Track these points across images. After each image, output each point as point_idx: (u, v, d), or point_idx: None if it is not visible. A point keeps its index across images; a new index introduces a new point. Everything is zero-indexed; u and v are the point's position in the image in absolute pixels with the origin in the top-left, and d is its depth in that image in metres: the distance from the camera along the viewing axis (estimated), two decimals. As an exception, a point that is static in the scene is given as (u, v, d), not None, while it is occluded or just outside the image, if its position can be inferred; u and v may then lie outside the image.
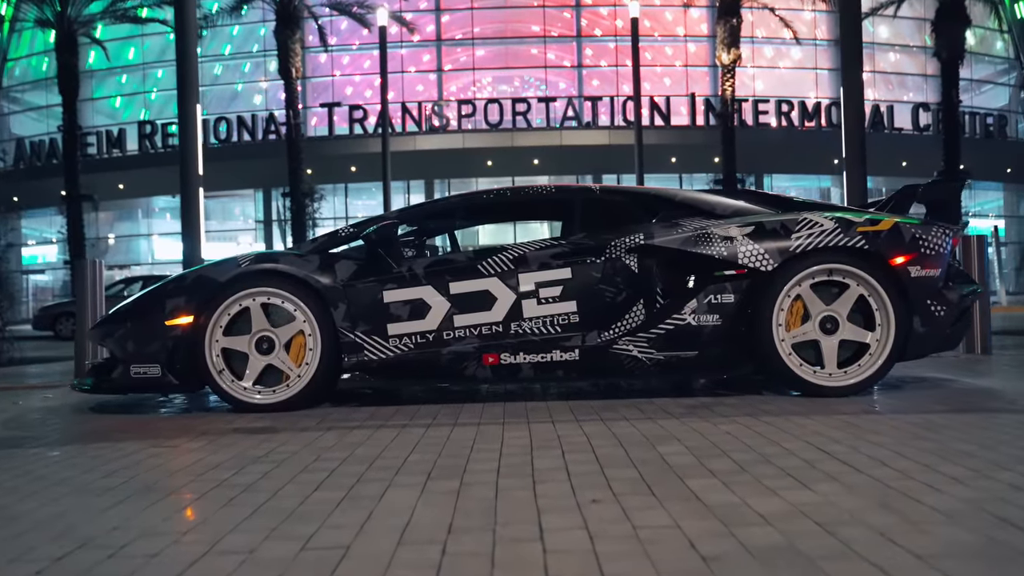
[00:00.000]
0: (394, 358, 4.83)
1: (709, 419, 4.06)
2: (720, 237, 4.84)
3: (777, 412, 4.23)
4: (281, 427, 4.23)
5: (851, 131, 11.68)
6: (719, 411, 4.33)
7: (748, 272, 4.79)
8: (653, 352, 4.81)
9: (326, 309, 4.81)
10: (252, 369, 4.80)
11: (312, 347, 4.80)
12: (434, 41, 40.65)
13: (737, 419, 4.03)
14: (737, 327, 4.81)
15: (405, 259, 5.03)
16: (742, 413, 4.23)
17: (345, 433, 3.95)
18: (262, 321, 4.81)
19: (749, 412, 4.25)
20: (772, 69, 40.72)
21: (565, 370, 4.84)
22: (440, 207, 5.44)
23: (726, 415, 4.18)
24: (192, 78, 10.53)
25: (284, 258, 4.89)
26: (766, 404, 4.53)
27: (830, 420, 3.91)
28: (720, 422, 3.95)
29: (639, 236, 4.93)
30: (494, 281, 4.87)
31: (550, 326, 4.84)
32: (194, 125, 10.48)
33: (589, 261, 4.90)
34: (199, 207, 10.58)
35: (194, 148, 10.51)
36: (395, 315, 4.85)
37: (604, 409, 4.52)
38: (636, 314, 4.86)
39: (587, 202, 5.24)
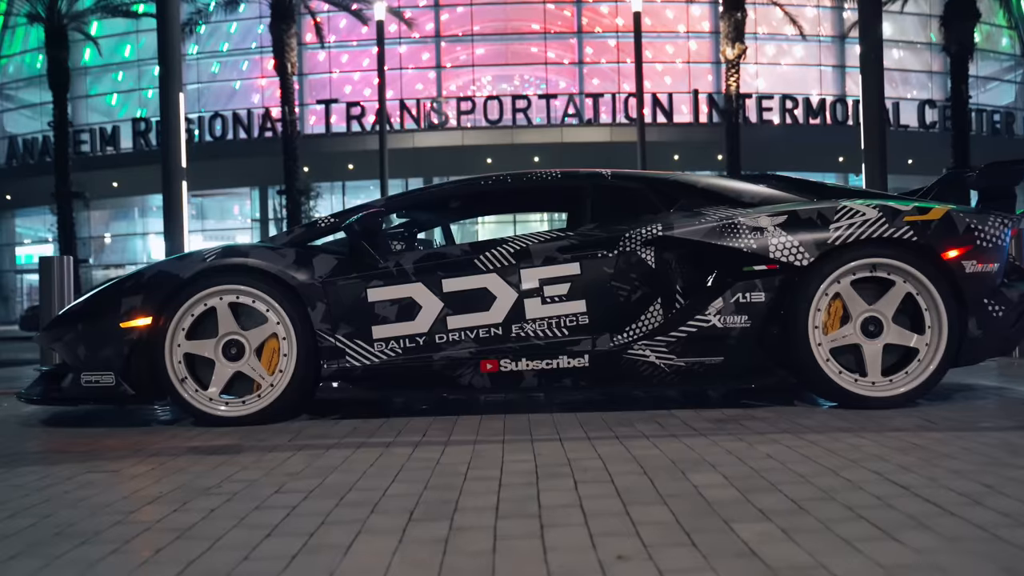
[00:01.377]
0: (380, 364, 4.27)
1: (742, 437, 3.49)
2: (748, 228, 4.28)
3: (819, 428, 3.66)
4: (247, 445, 3.66)
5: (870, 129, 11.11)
6: (751, 427, 3.76)
7: (780, 267, 4.23)
8: (673, 358, 4.25)
9: (303, 309, 4.25)
10: (218, 377, 4.24)
11: (287, 352, 4.24)
12: (433, 38, 40.12)
13: (775, 437, 3.46)
14: (768, 329, 4.25)
15: (392, 253, 4.47)
16: (779, 429, 3.66)
17: (318, 455, 3.39)
18: (230, 323, 4.25)
19: (787, 428, 3.69)
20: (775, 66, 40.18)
21: (573, 378, 4.28)
22: (432, 195, 4.86)
23: (761, 432, 3.61)
24: (175, 67, 9.98)
25: (255, 252, 4.32)
26: (803, 418, 3.97)
27: (886, 439, 3.34)
28: (756, 441, 3.38)
29: (657, 227, 4.36)
30: (493, 278, 4.31)
31: (556, 328, 4.28)
32: (176, 116, 9.95)
33: (600, 255, 4.33)
34: (182, 202, 10.04)
35: (177, 140, 9.98)
36: (381, 316, 4.28)
37: (618, 423, 3.95)
38: (654, 315, 4.29)
39: (597, 189, 4.67)
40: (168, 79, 9.92)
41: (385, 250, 4.44)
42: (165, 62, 9.98)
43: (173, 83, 9.91)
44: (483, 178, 4.79)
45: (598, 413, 4.27)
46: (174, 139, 9.97)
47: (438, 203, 5.01)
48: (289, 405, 4.29)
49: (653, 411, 4.30)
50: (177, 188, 9.91)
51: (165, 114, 9.99)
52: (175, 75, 9.93)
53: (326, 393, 4.29)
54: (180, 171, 10.00)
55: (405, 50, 39.43)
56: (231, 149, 35.59)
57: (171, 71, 9.91)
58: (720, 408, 4.34)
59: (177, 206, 9.94)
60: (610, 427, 3.86)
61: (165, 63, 9.97)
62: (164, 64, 9.99)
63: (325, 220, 4.58)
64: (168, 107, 9.94)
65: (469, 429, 3.93)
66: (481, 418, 4.25)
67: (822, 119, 35.77)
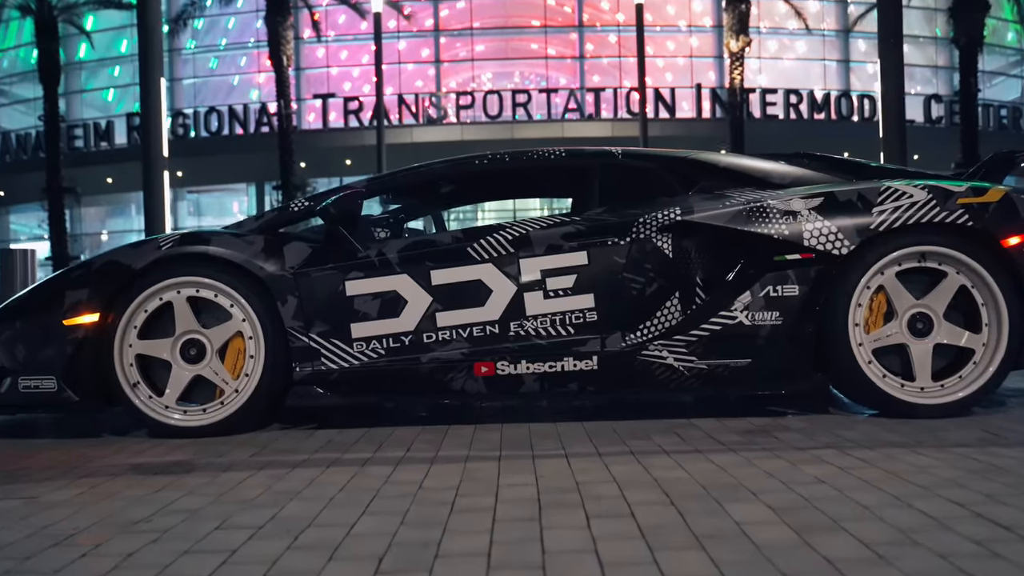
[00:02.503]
0: (359, 367, 3.75)
1: (780, 454, 2.97)
2: (780, 212, 3.76)
3: (867, 442, 3.14)
4: (200, 463, 3.15)
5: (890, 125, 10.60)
6: (787, 440, 3.24)
7: (816, 256, 3.71)
8: (694, 360, 3.73)
9: (272, 304, 3.73)
10: (175, 382, 3.72)
11: (254, 353, 3.72)
12: (432, 32, 39.64)
13: (819, 454, 2.93)
14: (802, 327, 3.72)
15: (374, 240, 3.95)
16: (820, 444, 3.14)
17: (281, 475, 2.87)
18: (189, 320, 3.73)
19: (829, 442, 3.16)
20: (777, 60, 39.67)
21: (580, 382, 3.76)
22: (420, 176, 4.33)
23: (800, 447, 3.09)
24: (155, 52, 9.47)
25: (218, 239, 3.79)
26: (844, 429, 3.45)
27: (953, 458, 2.82)
28: (799, 459, 2.86)
29: (675, 211, 3.84)
30: (488, 268, 3.79)
31: (560, 326, 3.76)
32: (157, 103, 9.45)
33: (611, 243, 3.81)
34: (163, 194, 9.52)
35: (158, 128, 9.47)
36: (361, 312, 3.76)
37: (632, 435, 3.43)
38: (671, 311, 3.77)
39: (607, 169, 4.15)
40: (148, 65, 9.40)
41: (366, 237, 3.92)
42: (145, 46, 9.46)
43: (153, 69, 9.41)
44: (478, 157, 4.26)
45: (608, 422, 3.75)
46: (155, 127, 9.46)
47: (426, 185, 4.47)
48: (256, 413, 3.77)
49: (670, 420, 3.78)
50: (159, 179, 9.40)
51: (145, 101, 9.48)
52: (155, 59, 9.43)
53: (299, 400, 3.77)
54: (162, 160, 9.49)
55: (404, 46, 38.94)
56: (228, 145, 35.07)
57: (151, 56, 9.41)
58: (745, 416, 3.81)
59: (158, 198, 9.45)
60: (623, 440, 3.34)
61: (144, 47, 9.45)
62: (143, 49, 9.48)
63: (298, 203, 4.06)
64: (148, 94, 9.43)
65: (461, 442, 3.41)
66: (475, 428, 3.73)
67: (827, 114, 35.23)
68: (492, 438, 3.48)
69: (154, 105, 9.39)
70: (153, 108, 9.39)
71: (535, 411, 4.20)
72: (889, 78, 10.65)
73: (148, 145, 9.36)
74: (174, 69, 40.30)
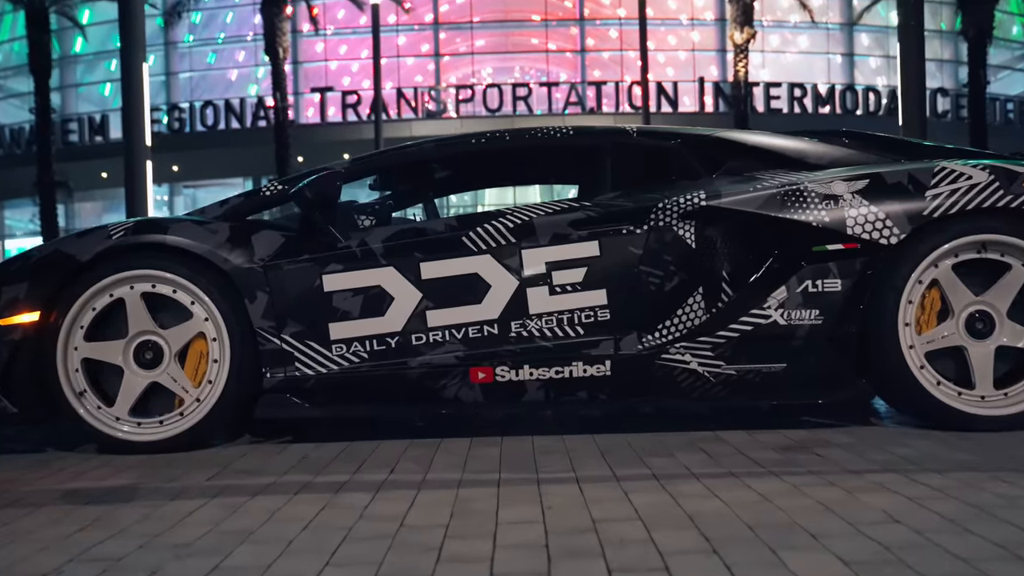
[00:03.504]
0: (339, 373, 3.29)
1: (830, 477, 2.50)
2: (819, 196, 3.29)
3: (931, 463, 2.67)
4: (146, 488, 2.68)
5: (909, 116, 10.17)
6: (835, 459, 2.77)
7: (861, 246, 3.24)
8: (721, 365, 3.26)
9: (239, 301, 3.27)
10: (128, 390, 3.25)
11: (218, 357, 3.25)
12: (432, 25, 39.19)
13: (880, 480, 2.46)
14: (844, 328, 3.25)
15: (356, 229, 3.48)
16: (876, 466, 2.67)
17: (236, 505, 2.40)
18: (144, 319, 3.26)
19: (886, 463, 2.69)
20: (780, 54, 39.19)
21: (590, 390, 3.29)
22: (408, 156, 3.85)
23: (853, 470, 2.62)
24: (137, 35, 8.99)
25: (177, 227, 3.32)
26: (896, 445, 2.98)
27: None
28: (855, 486, 2.39)
29: (699, 195, 3.37)
30: (486, 261, 3.32)
31: (568, 326, 3.29)
32: (140, 89, 8.96)
33: (626, 232, 3.34)
34: (146, 186, 9.05)
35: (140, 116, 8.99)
36: (341, 310, 3.30)
37: (652, 451, 2.97)
38: (695, 309, 3.30)
39: (620, 148, 3.67)
40: (130, 48, 8.93)
41: (347, 225, 3.45)
42: (126, 30, 8.98)
43: (136, 53, 8.93)
44: (474, 136, 3.78)
45: (621, 436, 3.28)
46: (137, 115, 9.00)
47: (416, 167, 3.97)
48: (221, 425, 3.32)
49: (692, 433, 3.31)
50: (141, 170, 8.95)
51: (127, 87, 9.01)
52: (138, 42, 8.96)
53: (270, 410, 3.31)
54: (145, 150, 9.03)
55: (404, 41, 38.50)
56: (224, 139, 34.60)
57: (133, 40, 8.92)
58: (777, 429, 3.34)
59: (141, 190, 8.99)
60: (642, 458, 2.87)
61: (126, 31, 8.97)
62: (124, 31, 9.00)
63: (270, 187, 3.58)
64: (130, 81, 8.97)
65: (454, 461, 2.94)
66: (471, 442, 3.26)
67: (831, 108, 34.76)
68: (490, 456, 3.01)
69: (136, 92, 8.94)
70: (135, 95, 8.94)
71: (539, 422, 3.73)
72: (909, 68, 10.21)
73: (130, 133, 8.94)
74: (171, 63, 39.84)
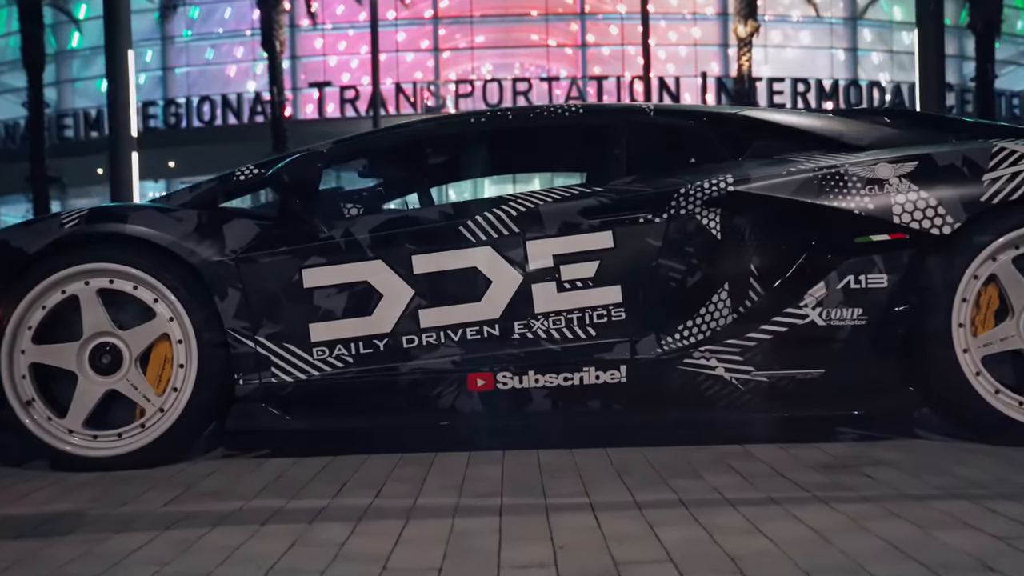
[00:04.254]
0: (321, 380, 2.92)
1: (890, 506, 2.13)
2: (861, 180, 2.92)
3: (999, 486, 2.31)
4: (92, 516, 2.31)
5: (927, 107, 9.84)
6: (887, 481, 2.40)
7: (910, 237, 2.88)
8: (751, 371, 2.89)
9: (208, 299, 2.90)
10: (82, 399, 2.88)
11: (184, 362, 2.89)
12: (431, 20, 38.86)
13: (949, 509, 2.09)
14: (890, 329, 2.89)
15: (341, 217, 3.11)
16: (940, 491, 2.30)
17: (191, 542, 2.02)
18: (100, 319, 2.89)
19: (947, 487, 2.33)
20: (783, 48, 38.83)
21: (604, 399, 2.93)
22: (398, 138, 3.46)
23: (912, 493, 2.25)
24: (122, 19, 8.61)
25: (138, 215, 2.95)
26: (955, 463, 2.61)
27: None
28: (924, 517, 2.02)
29: (725, 179, 3.00)
30: (486, 253, 2.95)
31: (579, 327, 2.93)
32: (125, 76, 8.58)
33: (643, 220, 2.97)
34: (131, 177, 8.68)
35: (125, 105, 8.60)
36: (323, 309, 2.93)
37: (674, 470, 2.60)
38: (721, 308, 2.93)
39: (637, 129, 3.30)
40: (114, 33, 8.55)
41: (331, 213, 3.08)
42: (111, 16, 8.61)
43: (121, 36, 8.55)
44: (473, 115, 3.41)
45: (638, 450, 2.91)
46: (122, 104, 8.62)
47: (407, 149, 3.58)
48: (188, 439, 2.95)
49: (718, 447, 2.94)
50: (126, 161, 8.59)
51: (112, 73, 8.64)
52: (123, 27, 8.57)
53: (243, 422, 2.95)
54: (130, 140, 8.66)
55: (404, 37, 38.16)
56: (221, 134, 34.23)
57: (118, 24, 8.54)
58: (814, 443, 2.97)
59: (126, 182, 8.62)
60: (664, 479, 2.51)
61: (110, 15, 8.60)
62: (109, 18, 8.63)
63: (245, 170, 3.20)
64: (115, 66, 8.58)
65: (449, 481, 2.58)
66: (469, 457, 2.90)
67: (835, 102, 34.43)
68: (490, 475, 2.64)
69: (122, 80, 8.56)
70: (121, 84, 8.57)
71: (544, 432, 3.36)
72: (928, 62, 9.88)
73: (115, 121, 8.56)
74: (168, 58, 39.51)
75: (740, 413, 2.99)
